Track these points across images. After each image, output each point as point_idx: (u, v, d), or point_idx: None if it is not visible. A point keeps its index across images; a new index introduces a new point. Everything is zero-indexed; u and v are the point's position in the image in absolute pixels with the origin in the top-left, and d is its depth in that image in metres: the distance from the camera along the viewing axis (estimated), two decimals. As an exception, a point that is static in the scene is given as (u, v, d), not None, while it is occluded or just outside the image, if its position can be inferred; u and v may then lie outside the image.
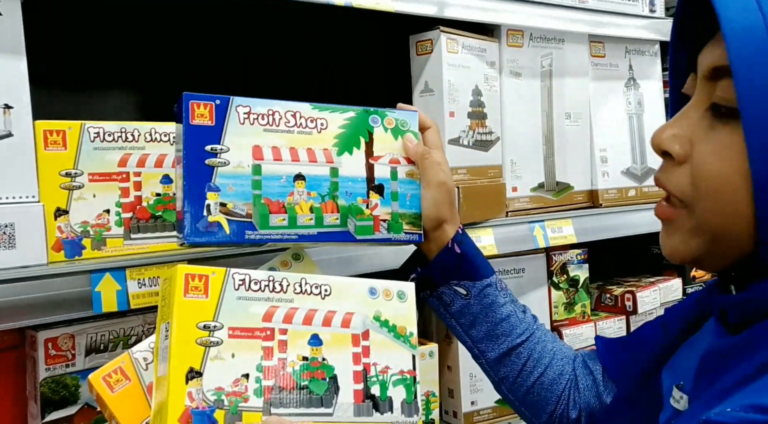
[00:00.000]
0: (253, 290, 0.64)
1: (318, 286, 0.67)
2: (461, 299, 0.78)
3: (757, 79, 0.44)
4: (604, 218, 1.32)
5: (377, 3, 0.97)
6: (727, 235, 0.49)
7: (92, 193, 0.82)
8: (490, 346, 0.78)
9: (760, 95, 0.44)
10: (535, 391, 0.78)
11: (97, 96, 1.17)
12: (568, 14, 1.25)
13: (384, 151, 0.79)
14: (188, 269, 0.62)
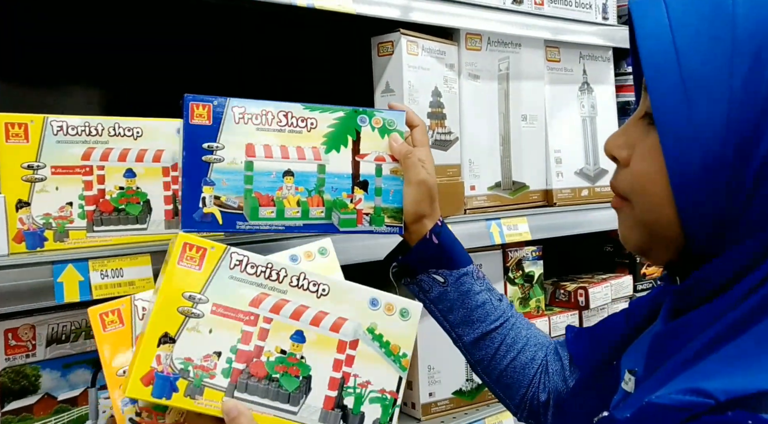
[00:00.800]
0: (248, 272, 0.64)
1: (317, 284, 0.66)
2: (439, 286, 0.82)
3: (663, 88, 0.48)
4: (558, 216, 1.37)
5: (339, 5, 1.00)
6: (658, 229, 0.53)
7: (55, 186, 0.83)
8: (466, 330, 0.83)
9: (668, 102, 0.48)
10: (507, 373, 0.83)
11: (60, 90, 1.17)
12: (525, 20, 1.30)
13: (370, 149, 0.83)
14: (188, 238, 0.62)
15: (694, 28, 0.48)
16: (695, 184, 0.48)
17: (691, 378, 0.46)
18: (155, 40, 1.25)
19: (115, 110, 1.20)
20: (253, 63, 1.38)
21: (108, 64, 1.21)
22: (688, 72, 0.47)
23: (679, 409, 0.44)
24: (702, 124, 0.47)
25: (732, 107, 0.46)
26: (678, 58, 0.48)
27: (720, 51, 0.47)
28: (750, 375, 0.44)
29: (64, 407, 0.89)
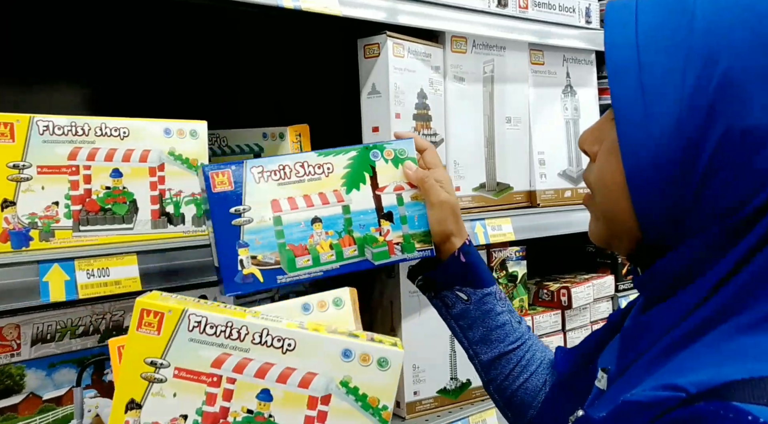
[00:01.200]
0: (208, 333, 0.63)
1: (281, 339, 0.64)
2: (462, 303, 0.84)
3: (623, 87, 0.50)
4: (541, 217, 1.39)
5: (325, 7, 1.00)
6: (616, 222, 0.55)
7: (41, 186, 0.83)
8: (483, 349, 0.84)
9: (626, 100, 0.50)
10: (519, 395, 0.83)
11: (46, 90, 1.17)
12: (510, 23, 1.31)
13: (388, 181, 0.86)
14: (145, 304, 0.62)
15: (657, 34, 0.50)
16: (647, 179, 0.50)
17: (664, 375, 0.48)
18: (141, 40, 1.25)
19: (102, 110, 1.20)
20: (240, 64, 1.38)
21: (94, 63, 1.21)
22: (647, 73, 0.50)
23: (653, 405, 0.45)
24: (655, 121, 0.49)
25: (682, 108, 0.48)
26: (639, 61, 0.50)
27: (676, 56, 0.49)
28: (718, 367, 0.45)
29: (49, 406, 0.90)
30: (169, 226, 0.93)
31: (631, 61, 0.50)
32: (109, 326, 0.95)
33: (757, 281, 0.48)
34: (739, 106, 0.47)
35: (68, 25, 1.17)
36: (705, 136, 0.48)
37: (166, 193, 0.93)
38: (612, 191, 0.54)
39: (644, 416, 0.46)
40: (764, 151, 0.47)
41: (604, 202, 0.56)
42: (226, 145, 1.15)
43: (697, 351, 0.48)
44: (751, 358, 0.45)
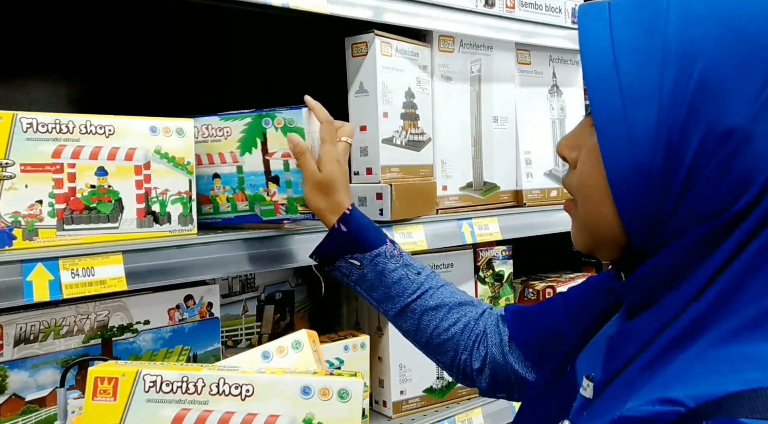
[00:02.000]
0: (164, 391, 0.62)
1: (239, 386, 0.63)
2: (357, 269, 0.90)
3: (601, 92, 0.50)
4: (527, 216, 1.39)
5: (313, 5, 1.00)
6: (600, 228, 0.54)
7: (24, 184, 0.82)
8: (389, 305, 0.90)
9: (605, 105, 0.50)
10: (433, 341, 0.89)
11: (28, 87, 1.15)
12: (497, 23, 1.32)
13: (277, 148, 0.95)
14: (98, 372, 0.62)
15: (632, 37, 0.50)
16: (630, 184, 0.50)
17: (657, 387, 0.47)
18: (129, 38, 1.24)
19: (86, 107, 1.18)
20: (227, 62, 1.37)
21: (80, 60, 1.19)
22: (625, 78, 0.49)
23: (649, 420, 0.45)
24: (635, 126, 0.49)
25: (661, 111, 0.48)
26: (616, 65, 0.50)
27: (653, 59, 0.49)
28: (714, 378, 0.44)
29: (32, 407, 0.88)
30: (155, 225, 0.92)
31: (608, 68, 0.50)
32: (93, 326, 0.94)
33: (737, 285, 0.47)
34: (719, 106, 0.47)
35: (52, 20, 1.16)
36: (686, 137, 0.48)
37: (152, 192, 0.92)
38: (594, 197, 0.54)
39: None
40: (747, 150, 0.46)
41: (586, 208, 0.55)
42: (212, 143, 1.14)
43: (688, 360, 0.47)
44: (743, 368, 0.44)
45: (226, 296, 1.22)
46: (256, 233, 0.98)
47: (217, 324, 1.06)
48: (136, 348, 0.98)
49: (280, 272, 1.32)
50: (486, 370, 0.85)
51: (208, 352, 1.05)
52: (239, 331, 1.27)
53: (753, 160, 0.46)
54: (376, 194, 1.12)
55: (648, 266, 0.52)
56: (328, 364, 1.19)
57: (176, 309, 1.02)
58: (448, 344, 0.88)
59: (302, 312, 1.38)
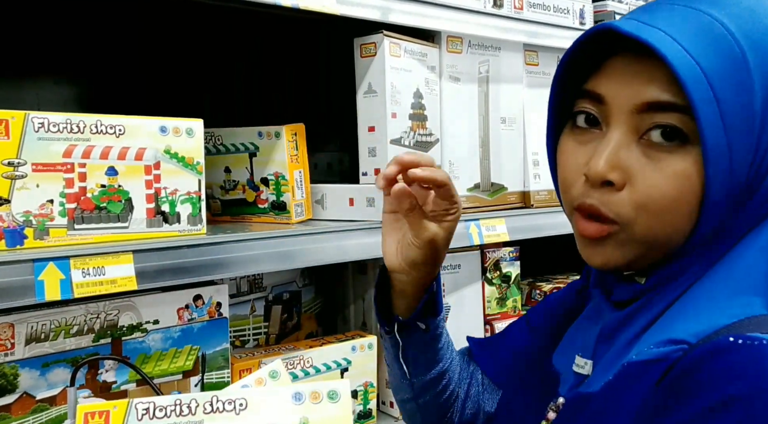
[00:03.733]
0: (158, 417, 0.62)
1: (232, 401, 0.64)
2: (419, 333, 0.75)
3: (711, 117, 0.50)
4: (535, 217, 1.39)
5: (323, 6, 1.00)
6: (665, 243, 0.55)
7: (35, 183, 0.82)
8: (423, 372, 0.77)
9: (715, 129, 0.50)
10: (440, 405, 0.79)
11: (39, 87, 1.16)
12: (505, 24, 1.32)
13: None
14: (87, 408, 0.61)
15: (716, 64, 0.50)
16: (723, 203, 0.52)
17: (660, 333, 0.52)
18: (137, 38, 1.24)
19: (94, 108, 1.19)
20: (236, 63, 1.38)
21: (88, 61, 1.20)
22: (725, 106, 0.50)
23: (657, 360, 0.49)
24: (737, 150, 0.51)
25: (753, 135, 0.51)
26: (714, 93, 0.50)
27: (743, 86, 0.50)
28: (711, 318, 0.50)
29: (42, 406, 0.89)
30: (164, 224, 0.92)
31: (709, 95, 0.50)
32: (103, 325, 0.94)
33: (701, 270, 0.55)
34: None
35: (62, 22, 1.16)
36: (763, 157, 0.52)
37: (162, 192, 0.92)
38: (676, 216, 0.53)
39: (652, 372, 0.50)
40: None
41: (657, 228, 0.54)
42: (221, 143, 1.14)
43: (684, 311, 0.53)
44: (735, 309, 0.50)
45: (233, 296, 1.22)
46: (265, 233, 0.98)
47: (225, 324, 1.06)
48: (146, 347, 0.98)
49: (288, 272, 1.32)
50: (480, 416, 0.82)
51: (217, 352, 1.05)
52: (247, 331, 1.27)
53: None
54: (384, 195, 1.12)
55: (676, 265, 0.56)
56: (335, 364, 1.19)
57: (185, 309, 1.02)
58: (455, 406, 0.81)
59: (309, 312, 1.38)
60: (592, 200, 0.55)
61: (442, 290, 0.78)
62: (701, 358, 0.47)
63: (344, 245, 1.06)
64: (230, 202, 1.17)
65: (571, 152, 0.59)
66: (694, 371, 0.47)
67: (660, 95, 0.52)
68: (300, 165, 1.12)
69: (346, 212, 1.15)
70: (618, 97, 0.55)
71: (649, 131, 0.53)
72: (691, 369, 0.47)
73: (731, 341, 0.46)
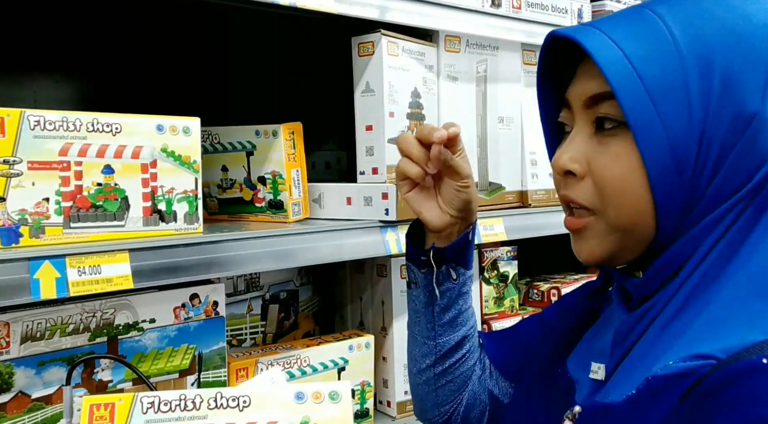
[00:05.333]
0: (163, 411, 0.62)
1: (236, 398, 0.65)
2: (450, 282, 0.79)
3: (632, 97, 0.54)
4: (532, 217, 1.39)
5: (320, 4, 1.00)
6: (635, 228, 0.57)
7: (31, 182, 0.82)
8: (448, 331, 0.81)
9: (639, 108, 0.54)
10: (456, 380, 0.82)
11: (35, 86, 1.16)
12: (503, 23, 1.31)
13: None
14: (93, 400, 0.61)
15: (642, 48, 0.55)
16: (668, 178, 0.54)
17: (684, 346, 0.51)
18: (134, 36, 1.24)
19: (90, 106, 1.19)
20: (233, 61, 1.37)
21: (84, 59, 1.20)
22: (651, 84, 0.54)
23: (684, 375, 0.49)
24: (671, 127, 0.53)
25: (692, 108, 0.53)
26: (638, 74, 0.54)
27: (671, 64, 0.54)
28: (740, 332, 0.49)
29: (38, 405, 0.89)
30: (161, 223, 0.92)
31: (632, 78, 0.54)
32: (99, 323, 0.94)
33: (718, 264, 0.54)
34: (739, 96, 0.53)
35: (57, 19, 1.16)
36: (715, 127, 0.53)
37: (159, 190, 0.92)
38: (632, 196, 0.56)
39: (678, 386, 0.49)
40: (764, 131, 0.53)
41: (621, 212, 0.57)
42: (218, 142, 1.14)
43: (711, 320, 0.52)
44: (761, 325, 0.49)
45: (230, 295, 1.22)
46: (262, 232, 0.98)
47: (222, 323, 1.06)
48: (142, 346, 0.98)
49: (285, 271, 1.32)
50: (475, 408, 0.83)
51: (214, 351, 1.05)
52: (244, 330, 1.27)
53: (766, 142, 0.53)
54: (381, 194, 1.11)
55: (665, 257, 0.56)
56: (332, 363, 1.19)
57: (182, 308, 1.02)
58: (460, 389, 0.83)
59: (306, 312, 1.38)
60: (565, 191, 0.61)
61: (473, 249, 0.81)
62: (731, 378, 0.46)
63: (342, 244, 1.06)
64: (227, 201, 1.17)
65: (556, 159, 0.63)
66: (723, 391, 0.46)
67: (596, 88, 0.57)
68: (297, 164, 1.12)
69: (344, 210, 1.15)
70: (574, 97, 0.60)
71: (599, 122, 0.58)
72: (720, 388, 0.46)
73: (764, 363, 0.45)
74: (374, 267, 1.32)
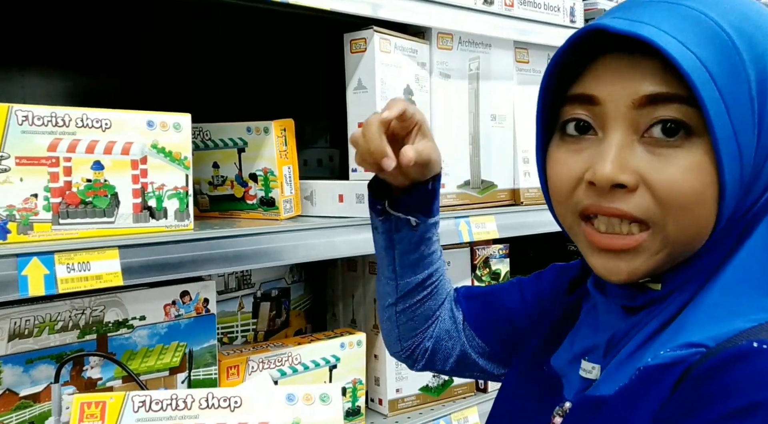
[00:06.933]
0: (154, 410, 0.62)
1: (227, 399, 0.65)
2: (408, 229, 0.79)
3: (715, 104, 0.49)
4: (524, 215, 1.39)
5: (312, 1, 0.99)
6: (693, 242, 0.53)
7: (19, 177, 0.81)
8: (409, 273, 0.81)
9: (720, 116, 0.49)
10: (415, 319, 0.83)
11: (25, 81, 1.14)
12: (495, 21, 1.31)
13: None
14: (84, 398, 0.61)
15: (710, 53, 0.50)
16: (736, 192, 0.52)
17: (676, 337, 0.51)
18: (124, 31, 1.23)
19: (81, 102, 1.18)
20: (224, 58, 1.37)
21: (74, 54, 1.19)
22: (726, 93, 0.50)
23: (675, 364, 0.49)
24: (741, 136, 0.50)
25: (755, 118, 0.51)
26: (714, 83, 0.49)
27: (738, 77, 0.50)
28: (730, 321, 0.49)
29: (26, 403, 0.88)
30: (151, 220, 0.92)
31: (711, 86, 0.49)
32: (88, 321, 0.93)
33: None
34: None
35: (47, 13, 1.15)
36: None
37: (149, 187, 0.91)
38: (701, 211, 0.52)
39: (669, 376, 0.49)
40: None
41: (683, 224, 0.52)
42: (209, 138, 1.13)
43: (701, 311, 0.52)
44: (755, 312, 0.49)
45: (221, 293, 1.21)
46: (254, 229, 0.97)
47: (213, 320, 1.06)
48: (132, 344, 0.97)
49: (277, 268, 1.31)
50: (429, 350, 0.84)
51: (204, 348, 1.04)
52: (235, 328, 1.26)
53: None
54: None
55: (696, 265, 0.55)
56: (324, 361, 1.18)
57: (172, 305, 1.01)
58: (420, 326, 0.83)
59: (298, 309, 1.37)
60: (614, 205, 0.53)
61: (439, 197, 0.80)
62: (723, 363, 0.46)
63: (333, 242, 1.06)
64: (218, 198, 1.16)
65: (563, 162, 0.56)
66: (714, 377, 0.46)
67: (659, 88, 0.51)
68: (289, 161, 1.12)
69: (336, 208, 1.15)
70: (613, 95, 0.53)
71: (651, 128, 0.52)
72: (712, 374, 0.46)
73: (754, 347, 0.45)
74: (366, 265, 1.32)
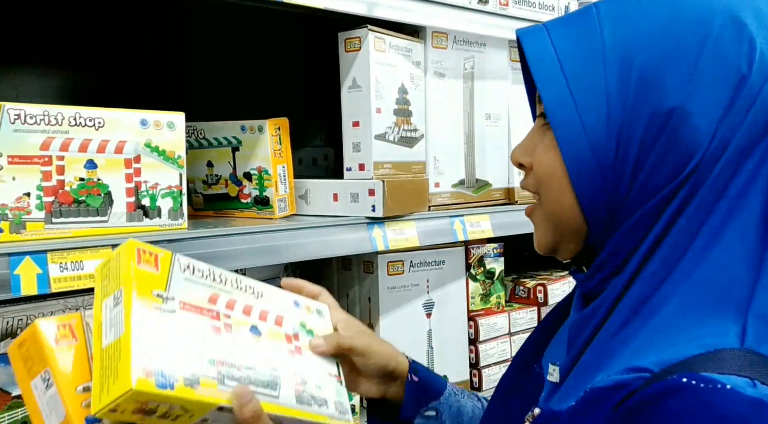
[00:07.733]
0: (197, 275, 0.65)
1: (251, 287, 0.70)
2: (433, 421, 0.77)
3: (553, 93, 0.56)
4: (519, 214, 1.39)
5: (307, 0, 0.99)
6: (562, 219, 0.59)
7: (11, 176, 0.81)
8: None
9: (559, 103, 0.56)
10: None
11: (18, 80, 1.14)
12: (490, 20, 1.31)
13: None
14: (139, 244, 0.62)
15: (572, 45, 0.57)
16: (587, 172, 0.55)
17: (623, 360, 0.51)
18: (117, 29, 1.23)
19: (74, 100, 1.17)
20: (219, 57, 1.36)
21: (67, 52, 1.18)
22: (572, 78, 0.56)
23: (619, 387, 0.49)
24: (588, 119, 0.55)
25: (610, 103, 0.54)
26: (562, 68, 0.56)
27: (595, 60, 0.55)
28: (675, 347, 0.49)
29: (18, 402, 0.87)
30: (144, 219, 0.91)
31: (556, 71, 0.56)
32: (81, 320, 0.93)
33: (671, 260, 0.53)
34: (658, 92, 0.53)
35: (40, 13, 1.14)
36: (634, 123, 0.54)
37: (142, 186, 0.91)
38: (555, 187, 0.58)
39: (612, 398, 0.49)
40: (687, 126, 0.52)
41: (549, 200, 0.59)
42: (203, 137, 1.13)
43: (649, 335, 0.52)
44: (699, 337, 0.49)
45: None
46: (248, 228, 0.97)
47: (207, 320, 1.05)
48: (125, 343, 0.97)
49: (271, 267, 1.31)
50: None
51: (198, 348, 1.04)
52: (229, 327, 1.26)
53: (692, 134, 0.52)
54: (368, 190, 1.11)
55: (603, 253, 0.57)
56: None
57: (166, 304, 1.01)
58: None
59: (293, 308, 1.37)
60: (524, 180, 0.64)
61: (430, 373, 0.79)
62: (652, 398, 0.46)
63: (328, 241, 1.06)
64: (212, 197, 1.16)
65: None
66: (642, 411, 0.47)
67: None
68: (283, 160, 1.12)
69: (330, 207, 1.14)
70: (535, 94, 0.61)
71: (543, 116, 0.60)
72: (641, 408, 0.47)
73: (684, 382, 0.45)
74: (361, 264, 1.32)
